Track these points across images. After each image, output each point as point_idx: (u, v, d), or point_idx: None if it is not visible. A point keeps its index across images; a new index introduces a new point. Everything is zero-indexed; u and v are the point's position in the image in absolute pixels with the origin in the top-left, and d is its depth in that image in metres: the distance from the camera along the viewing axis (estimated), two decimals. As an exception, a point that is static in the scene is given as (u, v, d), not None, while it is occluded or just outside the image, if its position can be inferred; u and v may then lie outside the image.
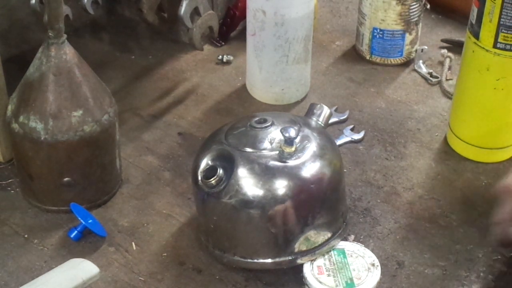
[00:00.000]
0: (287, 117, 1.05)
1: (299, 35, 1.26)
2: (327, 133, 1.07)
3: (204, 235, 1.05)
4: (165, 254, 1.06)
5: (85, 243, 1.07)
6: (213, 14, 1.30)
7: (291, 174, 0.97)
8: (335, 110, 1.29)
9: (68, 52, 1.04)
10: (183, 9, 1.27)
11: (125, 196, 1.15)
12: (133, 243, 1.07)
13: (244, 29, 1.34)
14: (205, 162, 1.00)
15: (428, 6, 1.43)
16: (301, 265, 0.99)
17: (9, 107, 1.07)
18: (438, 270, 1.04)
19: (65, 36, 1.04)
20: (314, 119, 1.07)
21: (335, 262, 0.99)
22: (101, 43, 1.47)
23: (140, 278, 1.03)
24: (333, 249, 1.01)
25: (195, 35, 1.29)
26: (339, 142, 1.23)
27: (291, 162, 0.98)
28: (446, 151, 1.23)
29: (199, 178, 1.00)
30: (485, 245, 1.06)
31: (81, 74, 1.05)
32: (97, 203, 1.12)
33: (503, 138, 1.20)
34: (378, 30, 1.38)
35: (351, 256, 1.00)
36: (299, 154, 0.98)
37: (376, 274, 0.98)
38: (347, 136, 1.25)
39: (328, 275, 0.97)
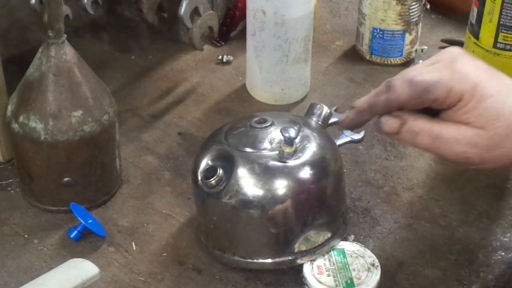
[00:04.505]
0: (287, 117, 1.05)
1: (299, 35, 1.26)
2: (327, 133, 1.07)
3: (204, 235, 1.05)
4: (165, 254, 1.06)
5: (85, 243, 1.07)
6: (213, 14, 1.30)
7: (291, 174, 0.97)
8: (335, 110, 1.29)
9: (68, 52, 1.04)
10: (183, 9, 1.26)
11: (125, 196, 1.14)
12: (133, 243, 1.07)
13: (244, 29, 1.34)
14: (205, 162, 1.00)
15: (428, 6, 1.43)
16: (301, 265, 0.99)
17: (9, 107, 1.07)
18: (438, 270, 1.04)
19: (65, 36, 1.03)
20: (314, 119, 1.07)
21: (335, 262, 0.99)
22: (101, 43, 1.47)
23: (140, 278, 1.03)
24: (333, 249, 1.01)
25: (195, 35, 1.29)
26: (339, 142, 1.23)
27: (291, 162, 0.97)
28: (446, 151, 1.23)
29: (199, 178, 1.00)
30: (485, 245, 1.06)
31: (81, 74, 1.05)
32: (97, 203, 1.12)
33: (503, 138, 1.19)
34: (378, 30, 1.38)
35: (351, 256, 1.00)
36: (299, 154, 0.98)
37: (376, 274, 0.97)
38: (347, 136, 1.25)
39: (328, 275, 0.97)
